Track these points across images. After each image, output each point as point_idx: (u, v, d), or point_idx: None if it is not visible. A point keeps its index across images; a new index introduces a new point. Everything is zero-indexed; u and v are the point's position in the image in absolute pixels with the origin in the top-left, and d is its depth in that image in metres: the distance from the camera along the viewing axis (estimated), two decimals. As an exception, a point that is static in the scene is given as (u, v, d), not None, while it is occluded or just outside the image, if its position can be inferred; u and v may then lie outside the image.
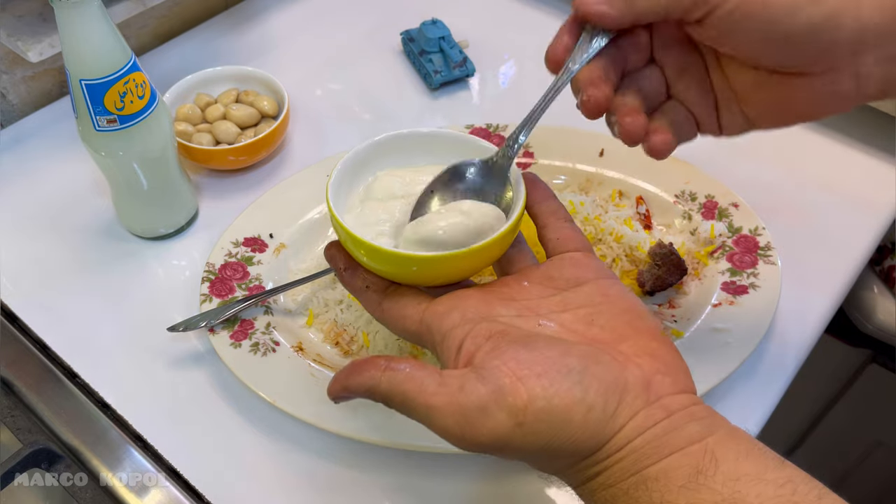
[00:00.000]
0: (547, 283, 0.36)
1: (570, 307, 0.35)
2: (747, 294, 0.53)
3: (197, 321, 0.51)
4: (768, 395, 0.51)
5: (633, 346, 0.33)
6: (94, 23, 0.47)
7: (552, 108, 0.39)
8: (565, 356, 0.31)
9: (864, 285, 0.75)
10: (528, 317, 0.34)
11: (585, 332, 0.34)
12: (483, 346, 0.33)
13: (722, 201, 0.58)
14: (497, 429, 0.30)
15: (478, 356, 0.32)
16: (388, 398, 0.33)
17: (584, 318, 0.34)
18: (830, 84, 0.34)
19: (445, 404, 0.31)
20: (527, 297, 0.36)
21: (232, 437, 0.49)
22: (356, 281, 0.39)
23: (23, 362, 0.53)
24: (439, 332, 0.35)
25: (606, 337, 0.33)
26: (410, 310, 0.37)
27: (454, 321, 0.34)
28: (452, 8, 0.79)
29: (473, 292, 0.36)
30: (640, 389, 0.31)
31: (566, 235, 0.38)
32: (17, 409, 0.51)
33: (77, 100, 0.50)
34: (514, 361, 0.31)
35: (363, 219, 0.39)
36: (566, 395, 0.30)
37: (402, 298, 0.37)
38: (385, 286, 0.38)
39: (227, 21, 0.79)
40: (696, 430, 0.30)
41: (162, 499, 0.46)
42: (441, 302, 0.36)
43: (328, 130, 0.69)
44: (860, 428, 0.93)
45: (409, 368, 0.32)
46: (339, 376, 0.34)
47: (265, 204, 0.58)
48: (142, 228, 0.60)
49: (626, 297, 0.35)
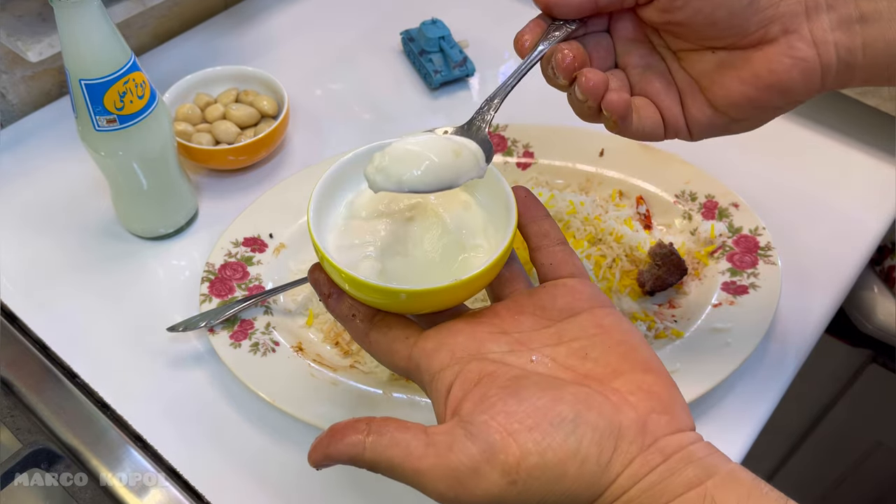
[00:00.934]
0: (540, 313, 0.35)
1: (563, 339, 0.33)
2: (747, 294, 0.53)
3: (197, 321, 0.51)
4: (768, 395, 0.51)
5: (628, 383, 0.31)
6: (93, 23, 0.47)
7: (553, 109, 0.39)
8: (557, 403, 0.30)
9: (864, 285, 0.75)
10: (521, 352, 0.33)
11: (579, 367, 0.32)
12: (471, 393, 0.31)
13: (722, 201, 0.58)
14: (490, 489, 0.29)
15: (465, 406, 0.31)
16: (373, 466, 0.31)
17: (578, 351, 0.33)
18: (788, 50, 0.35)
19: (434, 467, 0.30)
20: (519, 329, 0.34)
21: (232, 437, 0.49)
22: (342, 308, 0.37)
23: (23, 362, 0.53)
24: (428, 373, 0.33)
25: (600, 372, 0.32)
26: (399, 344, 0.35)
27: (443, 361, 0.33)
28: (452, 8, 0.79)
29: (463, 326, 0.34)
30: (635, 433, 0.30)
31: (559, 260, 0.37)
32: (16, 409, 0.50)
33: (77, 100, 0.50)
34: (504, 415, 0.30)
35: (346, 239, 0.37)
36: (559, 449, 0.29)
37: (391, 331, 0.35)
38: (372, 314, 0.36)
39: (226, 21, 0.79)
40: (694, 473, 0.29)
41: (162, 499, 0.46)
42: (429, 337, 0.34)
43: (328, 130, 0.69)
44: (860, 428, 0.93)
45: (392, 432, 0.31)
46: (319, 443, 0.32)
47: (265, 204, 0.58)
48: (141, 228, 0.60)
49: (620, 328, 0.34)
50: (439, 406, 0.32)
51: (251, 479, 0.47)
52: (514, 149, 0.63)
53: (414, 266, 0.37)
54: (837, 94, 0.66)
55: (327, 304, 0.38)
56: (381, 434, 0.31)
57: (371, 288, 0.34)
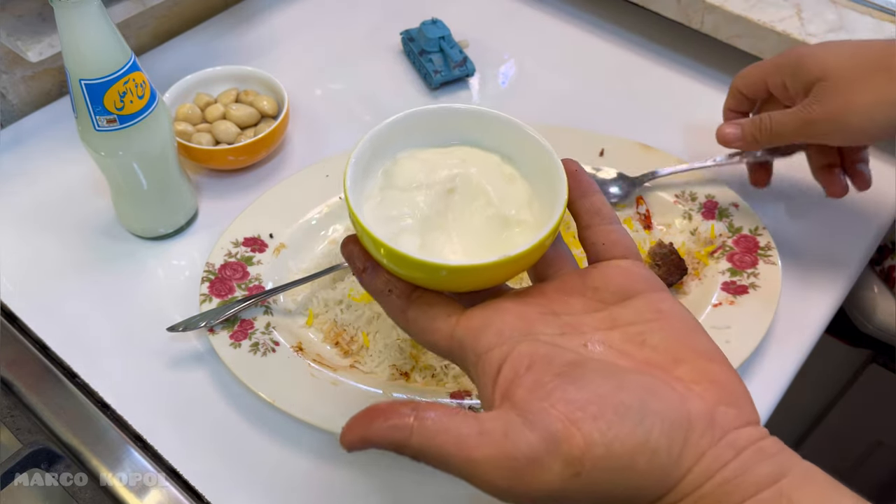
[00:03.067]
0: (591, 295, 0.32)
1: (618, 324, 0.31)
2: (747, 294, 0.53)
3: (197, 321, 0.51)
4: (768, 395, 0.51)
5: (692, 371, 0.29)
6: (93, 23, 0.47)
7: (553, 109, 0.39)
8: (619, 391, 0.28)
9: (864, 285, 0.75)
10: (572, 335, 0.31)
11: (637, 353, 0.30)
12: (524, 378, 0.29)
13: (722, 201, 0.58)
14: (552, 481, 0.27)
15: (519, 392, 0.28)
16: (419, 453, 0.28)
17: (635, 337, 0.31)
18: None
19: (490, 457, 0.27)
20: (569, 311, 0.32)
21: (232, 437, 0.49)
22: (377, 283, 0.35)
23: (22, 362, 0.53)
24: (474, 352, 0.31)
25: (660, 359, 0.30)
26: (440, 322, 0.32)
27: (490, 340, 0.31)
28: (452, 8, 0.79)
29: (511, 304, 0.32)
30: (704, 426, 0.28)
31: (612, 240, 0.34)
32: (16, 409, 0.50)
33: (77, 100, 0.50)
34: (564, 402, 0.27)
35: (383, 211, 0.35)
36: (627, 440, 0.27)
37: (431, 309, 0.33)
38: (410, 291, 0.34)
39: (226, 21, 0.79)
40: (767, 471, 0.27)
41: (162, 499, 0.46)
42: (474, 315, 0.32)
43: (328, 130, 0.69)
44: (860, 428, 0.93)
45: (440, 417, 0.28)
46: (356, 424, 0.29)
47: (265, 204, 0.58)
48: (141, 228, 0.60)
49: (679, 313, 0.32)
50: (486, 389, 0.30)
51: (251, 479, 0.47)
52: (514, 149, 0.62)
53: (455, 240, 0.35)
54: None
55: (361, 278, 0.35)
56: (429, 419, 0.28)
57: (413, 263, 0.31)
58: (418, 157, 0.37)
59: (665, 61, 0.74)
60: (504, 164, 0.37)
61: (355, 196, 0.34)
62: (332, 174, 0.60)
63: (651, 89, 0.72)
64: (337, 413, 0.47)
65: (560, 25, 0.78)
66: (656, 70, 0.74)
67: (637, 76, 0.74)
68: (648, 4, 0.73)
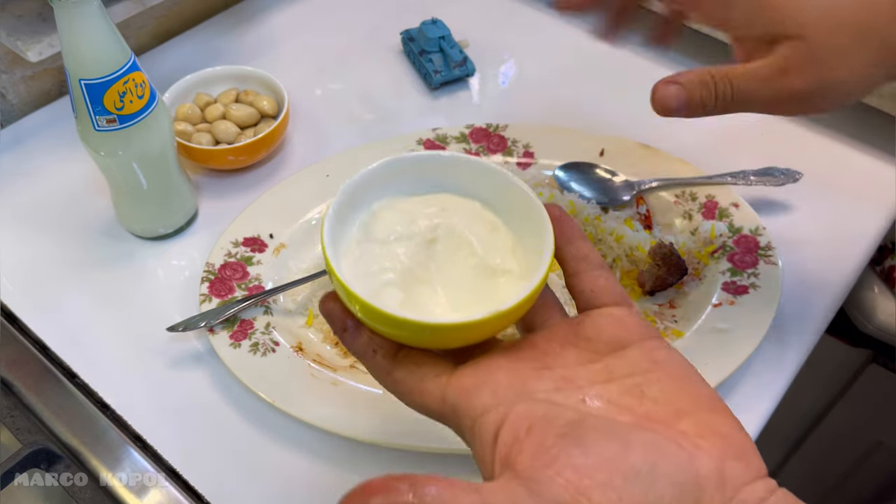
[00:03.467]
0: (584, 345, 0.31)
1: (615, 376, 0.30)
2: (748, 294, 0.52)
3: (196, 321, 0.51)
4: (768, 395, 0.51)
5: (695, 424, 0.28)
6: (93, 22, 0.47)
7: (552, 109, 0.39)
8: (626, 452, 0.26)
9: (865, 285, 0.75)
10: (569, 390, 0.30)
11: (637, 407, 0.29)
12: (525, 443, 0.27)
13: (722, 201, 0.58)
14: None
15: (521, 460, 0.27)
16: None
17: (633, 389, 0.29)
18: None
19: None
20: (563, 364, 0.31)
21: (232, 438, 0.49)
22: (359, 343, 0.33)
23: (22, 362, 0.53)
24: (468, 416, 0.29)
25: (662, 413, 0.29)
26: (429, 383, 0.31)
27: (485, 402, 0.29)
28: (452, 8, 0.79)
29: (503, 361, 0.31)
30: (714, 485, 0.26)
31: (601, 286, 0.33)
32: (16, 409, 0.50)
33: (76, 99, 0.50)
34: (570, 469, 0.26)
35: (363, 266, 0.33)
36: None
37: (418, 369, 0.32)
38: (395, 350, 0.32)
39: (226, 21, 0.79)
40: None
41: (161, 499, 0.46)
42: (466, 374, 0.31)
43: (328, 130, 0.69)
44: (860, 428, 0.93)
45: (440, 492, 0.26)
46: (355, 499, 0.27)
47: (265, 204, 0.58)
48: (141, 228, 0.60)
49: (675, 362, 0.31)
50: (485, 455, 0.29)
51: (251, 479, 0.47)
52: (514, 149, 0.63)
53: (440, 293, 0.33)
54: (837, 94, 0.66)
55: (342, 338, 0.34)
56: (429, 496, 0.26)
57: (398, 322, 0.30)
58: (396, 208, 0.36)
59: (665, 61, 0.74)
60: (485, 210, 0.36)
61: (333, 251, 0.33)
62: (332, 174, 0.60)
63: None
64: (337, 413, 0.47)
65: (560, 25, 0.78)
66: (657, 70, 0.74)
67: (637, 76, 0.74)
68: (648, 4, 0.73)
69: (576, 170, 0.61)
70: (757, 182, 0.60)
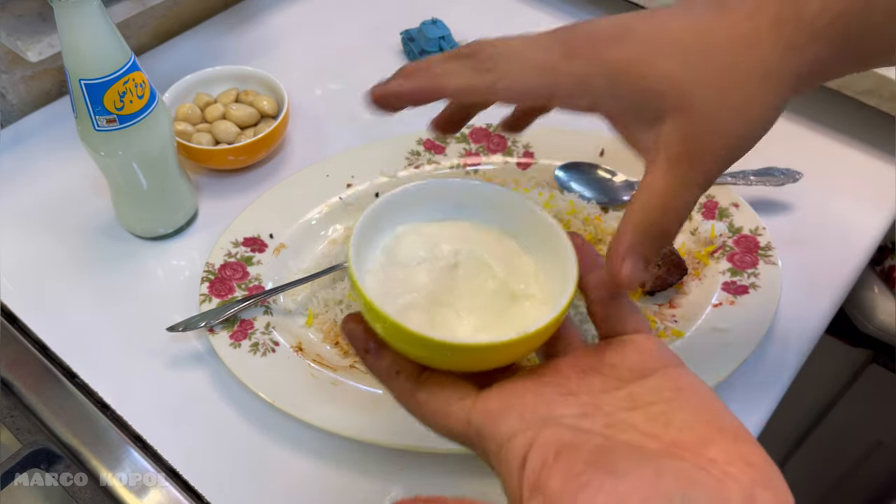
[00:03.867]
0: (609, 372, 0.31)
1: (639, 404, 0.30)
2: (748, 294, 0.52)
3: (196, 321, 0.51)
4: (768, 395, 0.51)
5: (724, 452, 0.27)
6: (93, 22, 0.47)
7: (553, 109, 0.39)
8: (658, 480, 0.26)
9: (865, 285, 0.75)
10: (595, 416, 0.29)
11: (664, 435, 0.28)
12: (554, 468, 0.27)
13: (722, 201, 0.58)
14: None
15: (552, 484, 0.26)
16: None
17: (659, 417, 0.29)
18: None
19: None
20: (588, 390, 0.30)
21: (231, 438, 0.49)
22: (382, 364, 0.33)
23: (22, 362, 0.53)
24: (494, 441, 0.29)
25: (688, 440, 0.28)
26: (454, 406, 0.31)
27: (512, 426, 0.29)
28: (452, 8, 0.79)
29: (529, 384, 0.31)
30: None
31: (624, 313, 0.33)
32: (16, 409, 0.50)
33: (76, 99, 0.50)
34: (604, 495, 0.25)
35: (387, 288, 0.33)
36: None
37: (442, 390, 0.31)
38: (418, 372, 0.32)
39: (226, 21, 0.79)
40: None
41: (161, 499, 0.46)
42: (491, 397, 0.30)
43: (328, 130, 0.69)
44: (860, 428, 0.93)
45: None
46: None
47: (265, 204, 0.58)
48: (141, 228, 0.60)
49: (698, 389, 0.30)
50: (512, 481, 0.28)
51: (251, 479, 0.47)
52: (514, 149, 0.63)
53: (464, 316, 0.33)
54: (837, 94, 0.66)
55: (365, 360, 0.33)
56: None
57: (426, 342, 0.30)
58: (419, 232, 0.36)
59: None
60: (505, 237, 0.36)
61: (358, 271, 0.32)
62: (333, 174, 0.61)
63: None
64: (337, 413, 0.47)
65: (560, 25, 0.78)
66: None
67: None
68: (648, 4, 0.73)
69: (576, 170, 0.61)
70: (757, 182, 0.60)
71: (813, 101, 0.69)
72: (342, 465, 0.48)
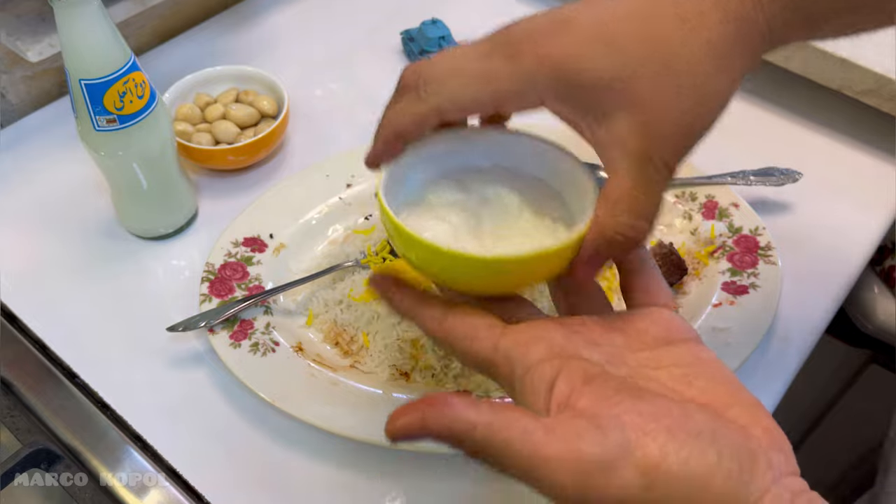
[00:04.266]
0: (633, 335, 0.31)
1: (662, 365, 0.30)
2: (748, 294, 0.52)
3: (196, 321, 0.51)
4: (768, 395, 0.51)
5: (744, 415, 0.28)
6: (93, 22, 0.47)
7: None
8: (687, 416, 0.26)
9: (865, 285, 0.75)
10: (619, 366, 0.29)
11: (685, 392, 0.29)
12: (584, 392, 0.27)
13: (722, 201, 0.58)
14: (624, 489, 0.25)
15: (583, 402, 0.27)
16: (482, 448, 0.26)
17: (681, 378, 0.29)
18: None
19: (559, 455, 0.25)
20: (611, 343, 0.31)
21: (231, 438, 0.49)
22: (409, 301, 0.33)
23: (22, 362, 0.53)
24: (522, 364, 0.29)
25: (709, 401, 0.28)
26: (482, 332, 0.31)
27: (541, 353, 0.29)
28: (452, 8, 0.79)
29: (556, 325, 0.31)
30: (766, 463, 0.26)
31: (655, 287, 0.33)
32: (16, 409, 0.50)
33: (76, 99, 0.50)
34: (636, 413, 0.26)
35: (415, 223, 0.34)
36: (702, 459, 0.25)
37: (471, 318, 0.31)
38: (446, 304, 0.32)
39: (226, 21, 0.79)
40: None
41: (161, 499, 0.46)
42: (520, 329, 0.30)
43: (328, 130, 0.69)
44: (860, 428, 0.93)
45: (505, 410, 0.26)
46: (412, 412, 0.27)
47: (265, 204, 0.58)
48: (141, 228, 0.60)
49: (719, 364, 0.31)
50: (537, 400, 0.28)
51: (251, 479, 0.47)
52: (514, 149, 0.63)
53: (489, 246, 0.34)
54: (838, 94, 0.66)
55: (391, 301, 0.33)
56: (495, 412, 0.26)
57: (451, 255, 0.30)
58: (449, 178, 0.37)
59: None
60: (538, 182, 0.37)
61: (388, 201, 0.33)
62: (332, 174, 0.61)
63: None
64: (337, 413, 0.47)
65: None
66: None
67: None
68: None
69: None
70: (757, 182, 0.60)
71: (813, 101, 0.69)
72: (342, 465, 0.48)
